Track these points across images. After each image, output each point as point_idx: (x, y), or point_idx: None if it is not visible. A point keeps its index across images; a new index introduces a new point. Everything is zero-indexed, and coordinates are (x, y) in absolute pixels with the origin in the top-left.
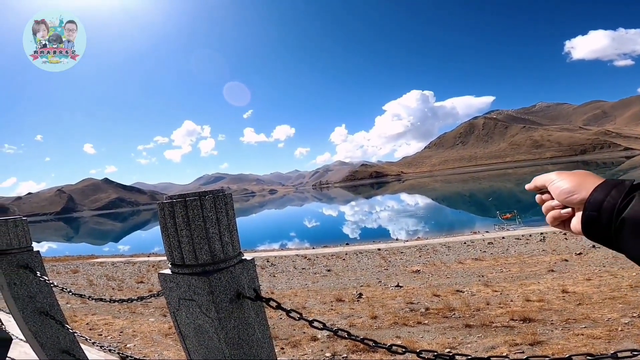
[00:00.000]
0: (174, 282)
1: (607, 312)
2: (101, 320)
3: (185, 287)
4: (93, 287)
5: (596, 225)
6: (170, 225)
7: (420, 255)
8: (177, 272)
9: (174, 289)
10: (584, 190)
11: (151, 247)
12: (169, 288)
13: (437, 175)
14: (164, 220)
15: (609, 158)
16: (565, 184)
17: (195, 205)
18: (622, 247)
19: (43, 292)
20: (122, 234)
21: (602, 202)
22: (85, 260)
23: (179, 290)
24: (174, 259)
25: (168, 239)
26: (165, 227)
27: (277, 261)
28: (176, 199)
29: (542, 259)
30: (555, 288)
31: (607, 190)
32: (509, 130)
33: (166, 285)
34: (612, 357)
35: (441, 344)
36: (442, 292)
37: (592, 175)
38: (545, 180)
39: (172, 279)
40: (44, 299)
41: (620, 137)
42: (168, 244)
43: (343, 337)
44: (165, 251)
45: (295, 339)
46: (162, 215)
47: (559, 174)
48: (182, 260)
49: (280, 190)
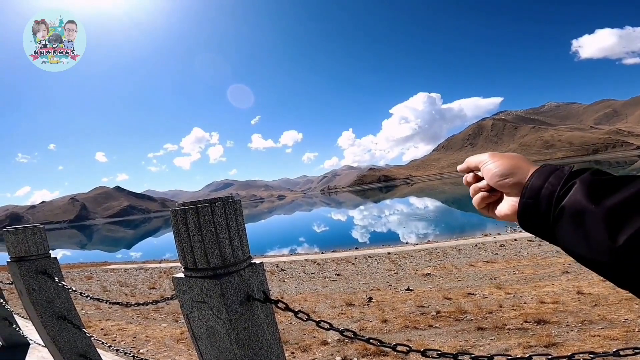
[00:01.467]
0: (187, 285)
1: (623, 313)
2: (115, 326)
3: (198, 290)
4: (107, 293)
5: (533, 214)
6: (183, 231)
7: (430, 258)
8: (190, 276)
9: (187, 292)
10: (518, 175)
11: (162, 253)
12: (182, 291)
13: (447, 177)
14: (176, 226)
15: (622, 157)
16: (498, 166)
17: (206, 211)
18: (558, 237)
19: (61, 297)
20: (134, 241)
21: (540, 189)
22: (98, 267)
23: (191, 293)
24: (186, 263)
25: (181, 244)
26: (178, 232)
27: (287, 266)
28: (188, 206)
29: (556, 261)
30: (570, 289)
31: (545, 176)
32: (519, 131)
33: (180, 288)
34: (614, 355)
35: (453, 347)
36: (453, 295)
37: (526, 160)
38: (478, 161)
39: (185, 282)
40: (62, 304)
41: (633, 135)
42: (181, 248)
43: (349, 337)
44: (178, 255)
45: (305, 343)
46: (175, 222)
47: (492, 155)
48: (194, 264)
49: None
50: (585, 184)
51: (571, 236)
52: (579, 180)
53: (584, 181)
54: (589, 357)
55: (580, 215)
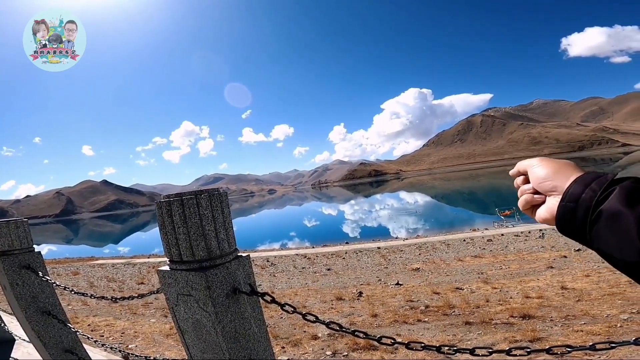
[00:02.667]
0: (172, 278)
1: (606, 309)
2: (102, 322)
3: (183, 283)
4: (94, 289)
5: (571, 217)
6: (168, 223)
7: (419, 253)
8: (175, 269)
9: (172, 284)
10: (560, 179)
11: (151, 248)
12: (167, 284)
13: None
14: (161, 218)
15: (607, 154)
16: (543, 170)
17: (192, 203)
18: (593, 240)
19: (45, 292)
20: (121, 236)
21: (580, 194)
22: (85, 262)
23: (177, 286)
24: (171, 255)
25: (166, 236)
26: (163, 225)
27: (277, 261)
28: (173, 198)
29: (541, 256)
30: (554, 284)
31: (587, 182)
32: (507, 128)
33: (165, 281)
34: (590, 349)
35: (441, 341)
36: (441, 289)
37: (574, 166)
38: (527, 165)
39: (171, 275)
40: (46, 299)
41: (618, 133)
42: (166, 241)
43: (335, 330)
44: (163, 248)
45: (295, 337)
46: (160, 214)
47: (541, 159)
48: (179, 257)
49: (280, 190)
50: (624, 190)
51: (605, 238)
52: (619, 187)
53: (624, 187)
54: (566, 350)
55: (616, 218)
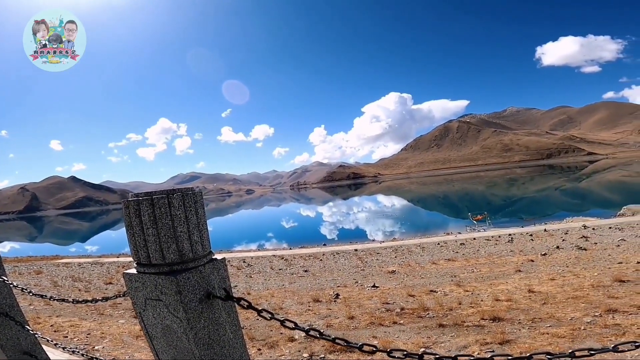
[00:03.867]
0: (140, 282)
1: (570, 312)
2: (66, 322)
3: (152, 287)
4: (58, 289)
5: None
6: (136, 223)
7: (395, 255)
8: (143, 272)
9: (139, 288)
10: None
11: (121, 247)
12: (134, 288)
13: (413, 177)
14: (129, 218)
15: (573, 162)
16: None
17: (163, 203)
18: None
19: (2, 292)
20: (89, 234)
21: None
22: (49, 261)
23: (145, 290)
24: (139, 258)
25: (133, 237)
26: (130, 225)
27: (254, 262)
28: (142, 197)
29: (510, 260)
30: (522, 288)
31: None
32: (481, 134)
33: (131, 285)
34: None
35: (416, 344)
36: (416, 292)
37: None
38: None
39: (138, 279)
40: (4, 300)
41: (585, 142)
42: (133, 242)
43: (315, 337)
44: (131, 250)
45: (272, 339)
46: (127, 214)
47: None
48: (148, 260)
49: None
50: None
51: None
52: None
53: None
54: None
55: None
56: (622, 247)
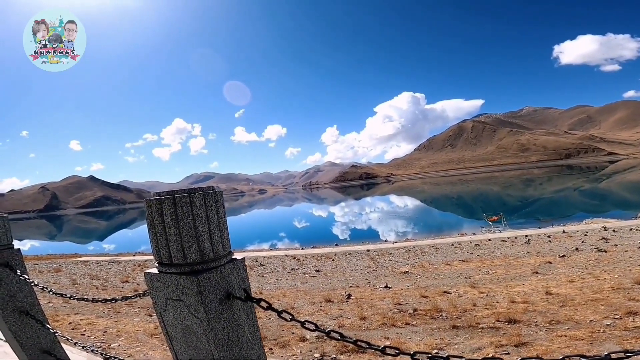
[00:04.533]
0: (161, 282)
1: (589, 314)
2: (84, 320)
3: (173, 287)
4: (76, 287)
5: None
6: (158, 222)
7: (408, 256)
8: (165, 272)
9: (160, 288)
10: None
11: (137, 246)
12: (155, 288)
13: (426, 177)
14: (151, 217)
15: (593, 162)
16: None
17: (185, 202)
18: None
19: (23, 291)
20: (107, 233)
21: None
22: (68, 259)
23: (166, 290)
24: (161, 257)
25: (155, 237)
26: (152, 224)
27: (266, 261)
28: (164, 196)
29: (526, 261)
30: (539, 290)
31: None
32: (497, 134)
33: (152, 284)
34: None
35: (429, 345)
36: (429, 293)
37: None
38: None
39: (159, 279)
40: (25, 298)
41: (604, 142)
42: (155, 242)
43: (336, 339)
44: (152, 249)
45: (283, 339)
46: (150, 213)
47: None
48: (169, 259)
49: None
50: None
51: None
52: None
53: None
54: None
55: None
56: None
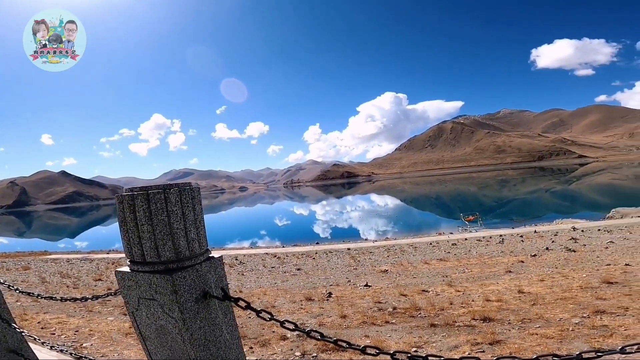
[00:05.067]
0: (133, 281)
1: (559, 312)
2: (54, 319)
3: (146, 286)
4: (46, 285)
5: None
6: (130, 219)
7: (388, 255)
8: (137, 270)
9: (133, 287)
10: None
11: (111, 243)
12: (127, 287)
13: (407, 177)
14: (122, 214)
15: (564, 165)
16: None
17: (159, 199)
18: None
19: None
20: (79, 230)
21: None
22: (37, 257)
23: (138, 289)
24: (133, 255)
25: (127, 234)
26: (124, 221)
27: (246, 259)
28: (137, 192)
29: (500, 260)
30: (512, 288)
31: None
32: (475, 135)
33: (124, 283)
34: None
35: (408, 343)
36: (408, 291)
37: None
38: None
39: (131, 277)
40: None
41: (575, 144)
42: (127, 239)
43: (316, 339)
44: (124, 247)
45: (264, 338)
46: (121, 209)
47: None
48: (142, 258)
49: (251, 187)
50: None
51: None
52: None
53: None
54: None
55: None
56: (611, 249)
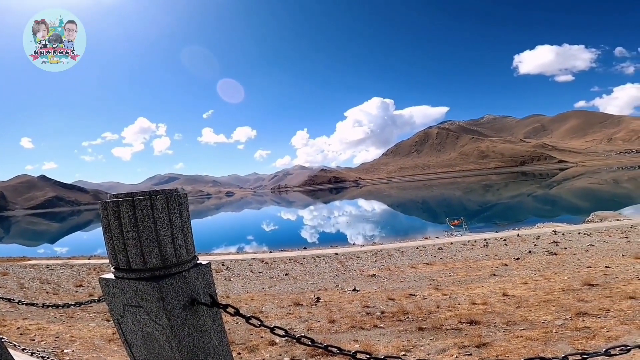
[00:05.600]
0: (118, 288)
1: (542, 315)
2: (33, 325)
3: (132, 293)
4: (24, 291)
5: None
6: (115, 226)
7: (375, 259)
8: (122, 277)
9: (117, 294)
10: None
11: (93, 249)
12: (112, 294)
13: (393, 182)
14: (107, 220)
15: (545, 170)
16: None
17: (145, 205)
18: None
19: None
20: (59, 235)
21: None
22: (16, 262)
23: (123, 297)
24: (118, 262)
25: (111, 241)
26: (108, 228)
27: (233, 265)
28: (122, 198)
29: (485, 264)
30: (497, 291)
31: None
32: (460, 141)
33: (109, 290)
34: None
35: (397, 347)
36: (396, 295)
37: None
38: None
39: (116, 284)
40: None
41: (556, 150)
42: (111, 246)
43: (307, 344)
44: (108, 254)
45: (252, 343)
46: (105, 215)
47: None
48: (127, 265)
49: (238, 193)
50: None
51: None
52: None
53: None
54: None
55: None
56: (591, 252)
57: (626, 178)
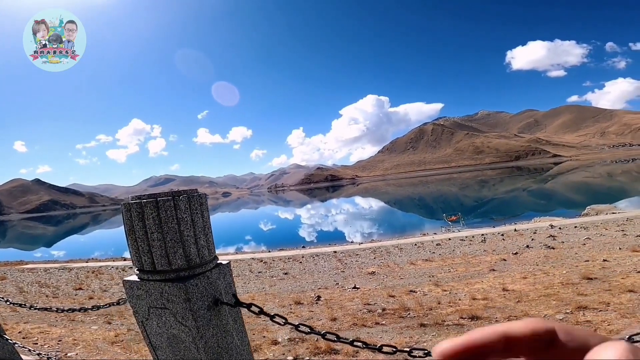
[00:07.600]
0: (143, 290)
1: (543, 309)
2: (35, 329)
3: (157, 295)
4: (24, 295)
5: None
6: (139, 228)
7: (374, 257)
8: (147, 279)
9: (142, 296)
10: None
11: (90, 252)
12: (136, 296)
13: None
14: (130, 222)
15: (539, 164)
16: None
17: (169, 206)
18: None
19: None
20: (55, 239)
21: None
22: (13, 267)
23: (149, 299)
24: (142, 264)
25: (136, 243)
26: (132, 230)
27: (232, 265)
28: (146, 199)
29: (484, 259)
30: (496, 286)
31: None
32: (454, 137)
33: (133, 292)
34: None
35: (399, 344)
36: (397, 292)
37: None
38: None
39: (141, 286)
40: None
41: (550, 144)
42: (136, 248)
43: (332, 340)
44: (132, 256)
45: (255, 343)
46: (129, 217)
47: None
48: (152, 266)
49: (234, 193)
50: None
51: None
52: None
53: None
54: None
55: None
56: (588, 246)
57: (620, 171)
